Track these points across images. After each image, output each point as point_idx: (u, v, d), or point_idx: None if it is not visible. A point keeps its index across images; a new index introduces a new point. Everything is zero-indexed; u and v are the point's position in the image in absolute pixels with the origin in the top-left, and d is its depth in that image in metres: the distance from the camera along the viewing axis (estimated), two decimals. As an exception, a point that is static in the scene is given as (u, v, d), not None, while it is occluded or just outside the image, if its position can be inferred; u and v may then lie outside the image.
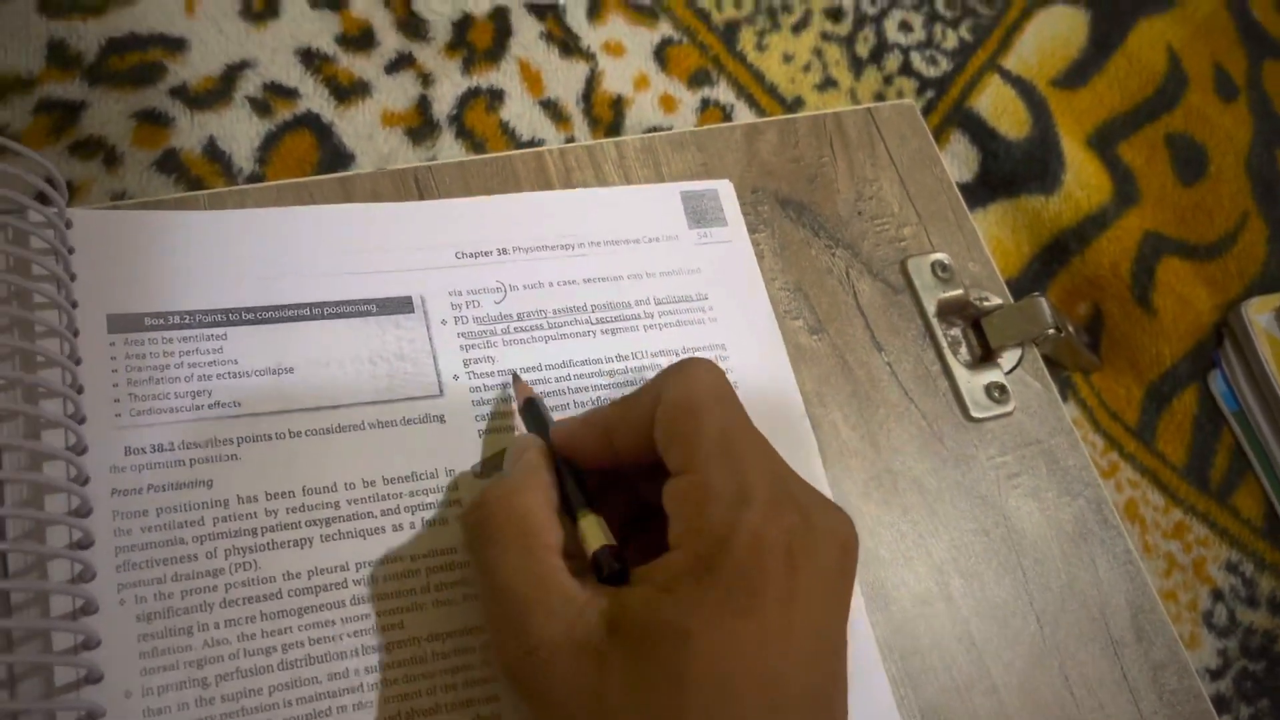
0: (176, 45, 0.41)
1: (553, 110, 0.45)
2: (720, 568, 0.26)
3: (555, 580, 0.27)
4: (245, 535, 0.31)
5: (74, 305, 0.33)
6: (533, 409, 0.34)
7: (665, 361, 0.38)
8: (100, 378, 0.32)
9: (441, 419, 0.35)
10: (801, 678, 0.26)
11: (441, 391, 0.35)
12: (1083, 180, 0.49)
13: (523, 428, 0.35)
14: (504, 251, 0.39)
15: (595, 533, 0.29)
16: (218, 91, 0.41)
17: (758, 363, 0.40)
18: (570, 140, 0.44)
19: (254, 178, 0.40)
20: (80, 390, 0.32)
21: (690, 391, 0.29)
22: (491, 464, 0.35)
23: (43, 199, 0.34)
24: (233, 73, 0.42)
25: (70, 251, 0.34)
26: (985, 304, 0.45)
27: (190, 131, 0.40)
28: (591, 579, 0.28)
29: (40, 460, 0.30)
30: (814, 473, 0.38)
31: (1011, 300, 0.45)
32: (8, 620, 0.29)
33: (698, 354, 0.39)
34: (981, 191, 0.49)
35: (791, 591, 0.26)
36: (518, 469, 0.31)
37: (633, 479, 0.32)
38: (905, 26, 0.51)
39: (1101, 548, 0.41)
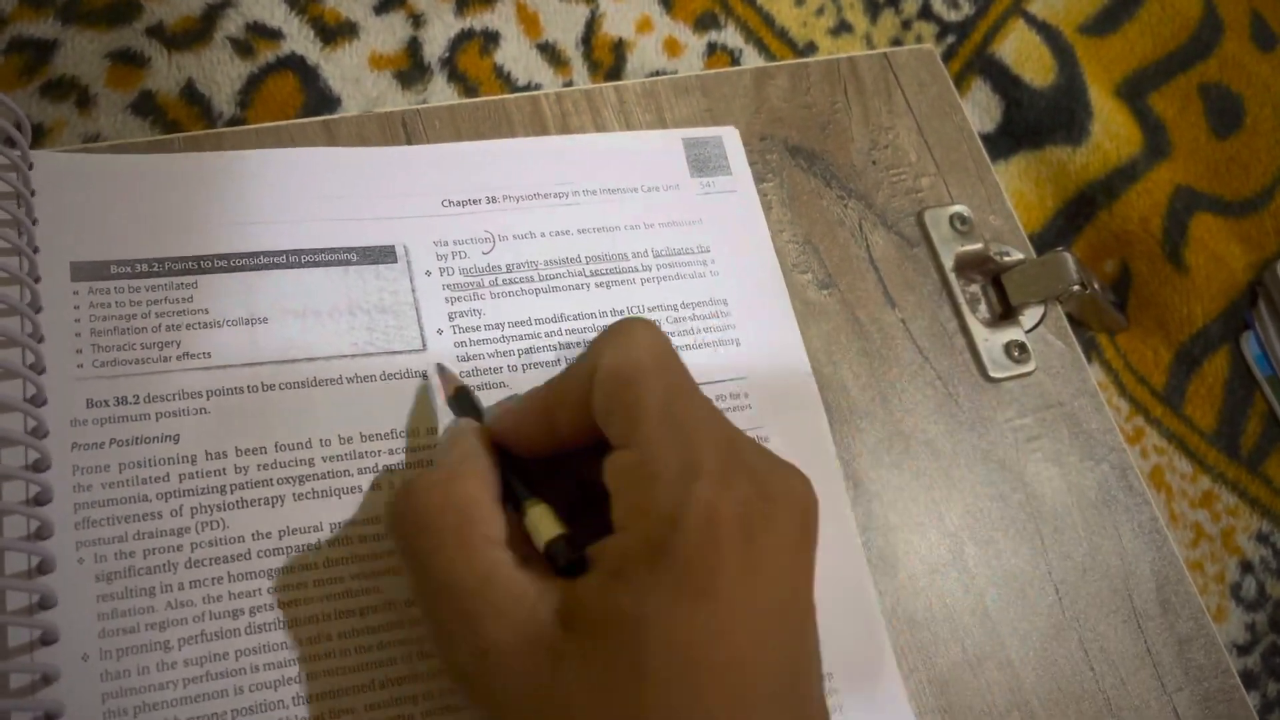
0: (153, -18, 0.39)
1: (550, 53, 0.42)
2: (673, 549, 0.24)
3: (501, 576, 0.25)
4: (213, 493, 0.30)
5: (35, 251, 0.31)
6: (464, 399, 0.32)
7: (663, 317, 0.36)
8: (62, 327, 0.31)
9: (424, 375, 0.33)
10: (767, 656, 0.24)
11: (425, 346, 0.33)
12: (1111, 131, 0.47)
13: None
14: (493, 200, 0.37)
15: (547, 523, 0.27)
16: (197, 31, 0.39)
17: (762, 319, 0.38)
18: (569, 85, 0.42)
19: (234, 121, 0.38)
20: (40, 339, 0.30)
21: (628, 358, 0.27)
22: (476, 420, 0.33)
23: (8, 141, 0.32)
24: (213, 11, 0.39)
25: (32, 194, 0.32)
26: (1006, 259, 0.42)
27: (168, 73, 0.38)
28: (537, 568, 0.26)
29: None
30: (820, 435, 0.36)
31: (1034, 255, 0.43)
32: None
33: (698, 309, 0.37)
34: (1004, 142, 0.47)
35: (751, 567, 0.24)
36: (453, 455, 0.28)
37: (575, 459, 0.29)
38: (925, -33, 0.48)
39: (1125, 516, 0.39)
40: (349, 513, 0.31)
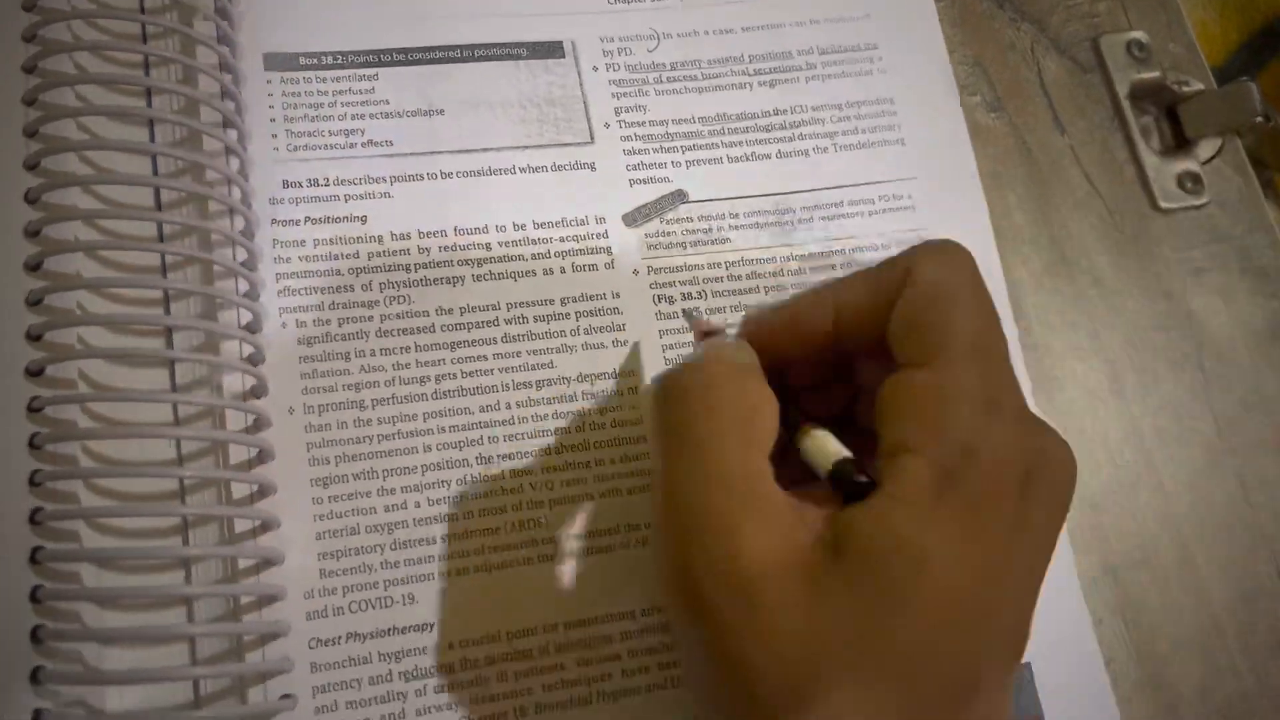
0: None
1: None
2: (965, 482, 0.22)
3: (767, 484, 0.23)
4: (399, 270, 0.31)
5: (235, 43, 0.32)
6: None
7: (828, 116, 0.36)
8: (258, 113, 0.32)
9: (592, 166, 0.34)
10: (1011, 612, 0.23)
11: (592, 139, 0.34)
12: (1312, -46, 0.43)
13: None
14: None
15: (831, 445, 0.25)
16: None
17: (929, 119, 0.37)
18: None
19: (405, -73, 0.39)
20: (238, 126, 0.32)
21: (949, 277, 0.25)
22: (644, 213, 0.33)
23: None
24: None
25: (229, -13, 0.33)
26: (1185, 89, 0.40)
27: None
28: (792, 491, 0.24)
29: (205, 200, 0.30)
30: (986, 248, 0.36)
31: (1215, 87, 0.41)
32: (176, 352, 0.29)
33: (863, 108, 0.36)
34: (1190, -34, 0.44)
35: (1022, 520, 0.23)
36: (739, 356, 0.26)
37: (796, 391, 0.27)
38: None
39: (1294, 353, 0.38)
40: (523, 294, 0.32)
